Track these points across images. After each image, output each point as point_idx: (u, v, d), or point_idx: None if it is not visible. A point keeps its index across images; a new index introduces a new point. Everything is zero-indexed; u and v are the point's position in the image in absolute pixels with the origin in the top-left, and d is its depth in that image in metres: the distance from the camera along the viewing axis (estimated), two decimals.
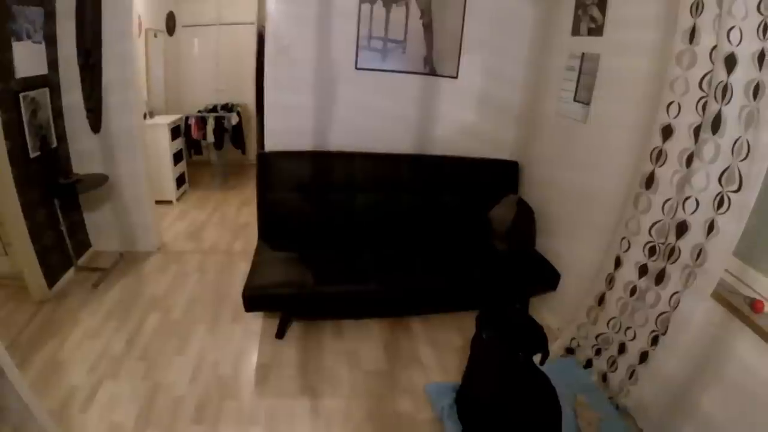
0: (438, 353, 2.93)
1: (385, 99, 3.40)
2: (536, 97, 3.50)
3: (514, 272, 3.18)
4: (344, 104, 3.36)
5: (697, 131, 2.04)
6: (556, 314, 3.29)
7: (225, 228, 4.45)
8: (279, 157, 3.22)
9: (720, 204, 1.99)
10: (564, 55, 3.11)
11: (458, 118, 3.59)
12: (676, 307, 2.23)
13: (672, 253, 2.20)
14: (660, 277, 2.28)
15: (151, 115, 4.90)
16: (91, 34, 3.16)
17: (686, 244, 2.14)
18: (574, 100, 2.99)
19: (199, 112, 5.62)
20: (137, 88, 3.54)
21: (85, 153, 3.44)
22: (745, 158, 1.88)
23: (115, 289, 3.27)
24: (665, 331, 2.29)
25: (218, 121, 5.48)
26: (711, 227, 2.04)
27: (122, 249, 3.76)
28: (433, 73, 3.40)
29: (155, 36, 5.40)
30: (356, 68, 3.28)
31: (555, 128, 3.27)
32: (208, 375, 2.59)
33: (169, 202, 4.86)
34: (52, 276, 3.17)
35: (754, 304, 1.95)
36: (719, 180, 1.98)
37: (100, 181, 3.36)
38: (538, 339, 2.09)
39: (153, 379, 2.51)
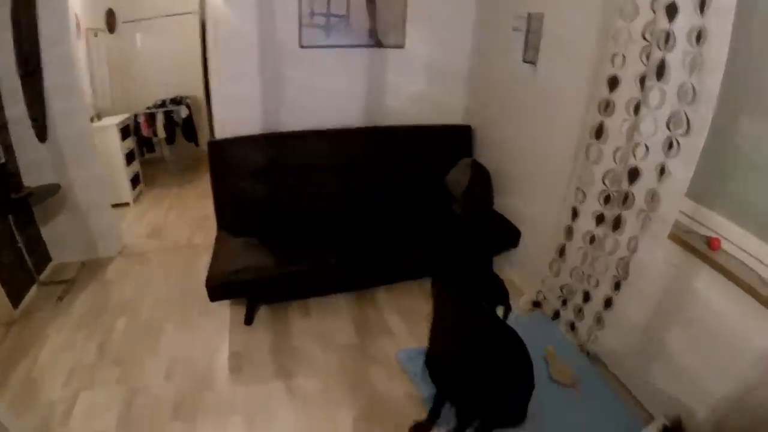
0: (406, 320, 2.87)
1: (333, 75, 3.20)
2: (485, 61, 3.37)
3: (474, 233, 3.09)
4: (292, 84, 3.14)
5: (642, 80, 1.99)
6: (519, 270, 3.24)
7: (185, 223, 4.22)
8: (230, 144, 3.00)
9: (669, 148, 1.96)
10: (510, 16, 2.98)
11: (408, 88, 3.43)
12: (634, 252, 2.21)
13: (626, 200, 2.17)
14: (617, 224, 2.25)
15: (99, 117, 4.54)
16: (28, 41, 2.82)
17: (639, 190, 2.11)
18: (523, 60, 2.89)
19: (147, 108, 5.25)
20: (81, 91, 3.23)
21: (34, 164, 3.12)
22: (691, 102, 1.84)
23: (81, 299, 3.05)
24: (627, 276, 2.27)
25: (167, 115, 5.14)
26: (662, 171, 2.01)
27: (83, 258, 3.49)
28: (379, 45, 3.21)
29: (96, 35, 4.96)
30: (301, 47, 3.05)
31: (505, 89, 3.16)
32: (183, 371, 2.47)
33: (126, 204, 4.54)
34: (15, 296, 2.89)
35: (711, 242, 1.94)
36: (667, 125, 1.95)
37: (52, 190, 3.07)
38: (499, 292, 1.98)
39: (129, 383, 2.38)
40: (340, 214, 3.16)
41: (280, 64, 3.08)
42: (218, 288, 2.52)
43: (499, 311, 2.03)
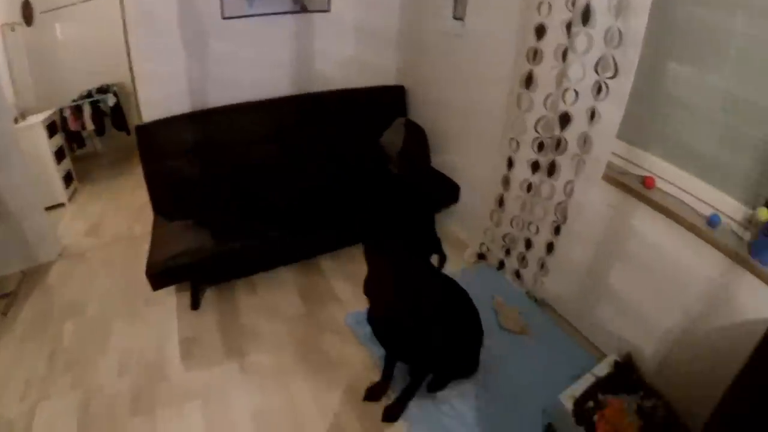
0: (352, 285, 2.75)
1: (259, 45, 2.90)
2: (414, 20, 3.16)
3: (413, 192, 2.95)
4: (217, 58, 2.83)
5: (569, 26, 1.91)
6: (462, 225, 3.16)
7: (122, 215, 3.89)
8: (158, 126, 2.71)
9: (598, 91, 1.90)
10: None
11: (338, 52, 3.18)
12: (571, 196, 2.17)
13: (559, 145, 2.12)
14: (551, 170, 2.21)
15: (23, 116, 3.98)
16: None
17: (571, 134, 2.06)
18: (454, 17, 2.73)
19: (73, 101, 4.70)
20: (1, 90, 2.86)
21: None
22: (618, 45, 1.77)
23: (26, 309, 2.74)
24: (565, 220, 2.24)
25: (95, 106, 4.62)
26: (593, 115, 1.95)
27: (23, 267, 3.10)
28: (304, 10, 2.92)
29: (12, 30, 4.36)
30: (223, 18, 2.74)
31: (436, 47, 3.00)
32: (135, 365, 2.30)
33: (62, 205, 4.07)
34: None
35: (646, 181, 1.91)
36: (595, 69, 1.88)
37: None
38: (431, 241, 1.77)
39: (83, 387, 2.18)
40: (276, 186, 2.92)
41: (204, 38, 2.76)
42: (159, 275, 2.31)
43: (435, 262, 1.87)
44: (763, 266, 1.49)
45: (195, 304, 2.61)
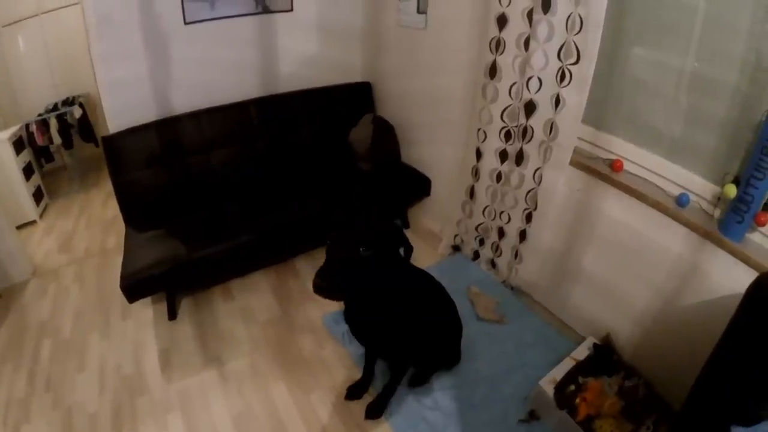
0: None
1: (223, 48, 2.72)
2: (378, 16, 3.02)
3: (385, 188, 2.86)
4: (181, 64, 2.63)
5: (530, 15, 1.83)
6: (435, 218, 3.05)
7: (94, 229, 3.67)
8: (124, 136, 2.52)
9: (562, 78, 1.81)
10: None
11: (302, 51, 3.00)
12: (540, 182, 2.08)
13: (526, 133, 2.04)
14: (519, 158, 2.13)
15: None
16: None
17: (537, 122, 1.98)
18: (418, 12, 2.61)
19: (39, 115, 4.37)
20: None
21: None
22: (579, 32, 1.69)
23: (1, 331, 2.55)
24: (536, 207, 2.15)
25: (61, 119, 4.32)
26: (557, 101, 1.86)
27: None
28: (267, 10, 2.74)
29: None
30: (185, 23, 2.55)
31: (400, 42, 2.87)
32: (114, 380, 2.14)
33: (33, 222, 3.80)
34: None
35: (614, 164, 1.83)
36: (558, 56, 1.80)
37: None
38: (395, 233, 1.56)
39: (64, 406, 2.03)
40: (245, 190, 2.79)
41: (166, 44, 2.55)
42: (133, 287, 2.14)
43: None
44: (733, 242, 1.44)
45: (172, 314, 2.45)
